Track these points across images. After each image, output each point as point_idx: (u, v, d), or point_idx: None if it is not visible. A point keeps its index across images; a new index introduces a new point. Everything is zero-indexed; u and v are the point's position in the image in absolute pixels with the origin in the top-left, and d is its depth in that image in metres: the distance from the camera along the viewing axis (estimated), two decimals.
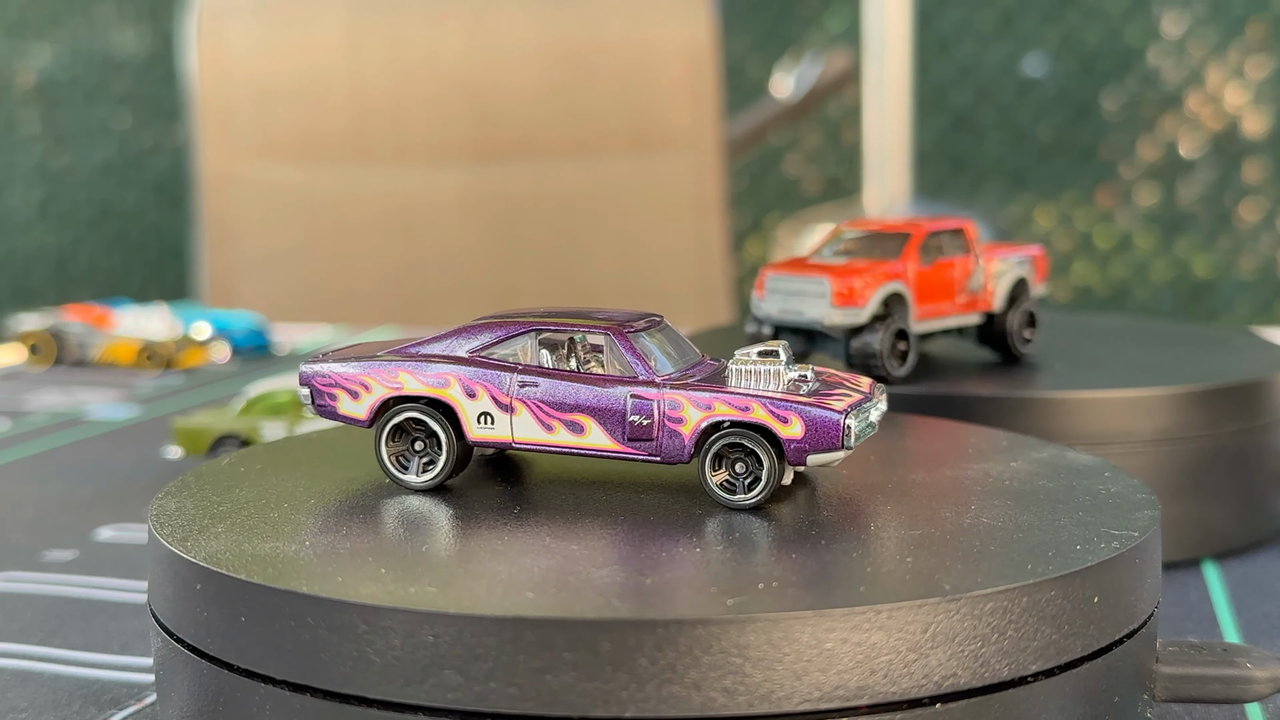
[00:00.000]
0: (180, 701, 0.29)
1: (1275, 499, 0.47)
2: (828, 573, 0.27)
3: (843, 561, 0.28)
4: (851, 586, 0.26)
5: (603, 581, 0.26)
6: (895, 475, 0.34)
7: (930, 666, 0.25)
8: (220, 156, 1.32)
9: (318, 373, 0.34)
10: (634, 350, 0.32)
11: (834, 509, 0.31)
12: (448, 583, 0.27)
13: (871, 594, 0.26)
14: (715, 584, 0.26)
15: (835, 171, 2.09)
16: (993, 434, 0.38)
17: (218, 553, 0.28)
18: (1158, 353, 0.51)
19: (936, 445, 0.37)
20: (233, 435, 0.53)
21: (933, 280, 0.46)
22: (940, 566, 0.27)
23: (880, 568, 0.27)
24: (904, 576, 0.27)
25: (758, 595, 0.26)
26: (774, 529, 0.30)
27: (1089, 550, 0.28)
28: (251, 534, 0.30)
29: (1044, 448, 0.37)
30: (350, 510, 0.31)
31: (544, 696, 0.24)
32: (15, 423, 0.68)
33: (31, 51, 2.26)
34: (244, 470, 0.35)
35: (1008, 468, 0.35)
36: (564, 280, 1.33)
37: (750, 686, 0.24)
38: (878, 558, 0.28)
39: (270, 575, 0.27)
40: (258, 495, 0.32)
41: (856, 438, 0.31)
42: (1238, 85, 1.95)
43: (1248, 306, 1.98)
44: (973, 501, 0.32)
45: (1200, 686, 0.30)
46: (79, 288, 2.22)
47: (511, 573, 0.27)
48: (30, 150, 2.28)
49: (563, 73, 1.32)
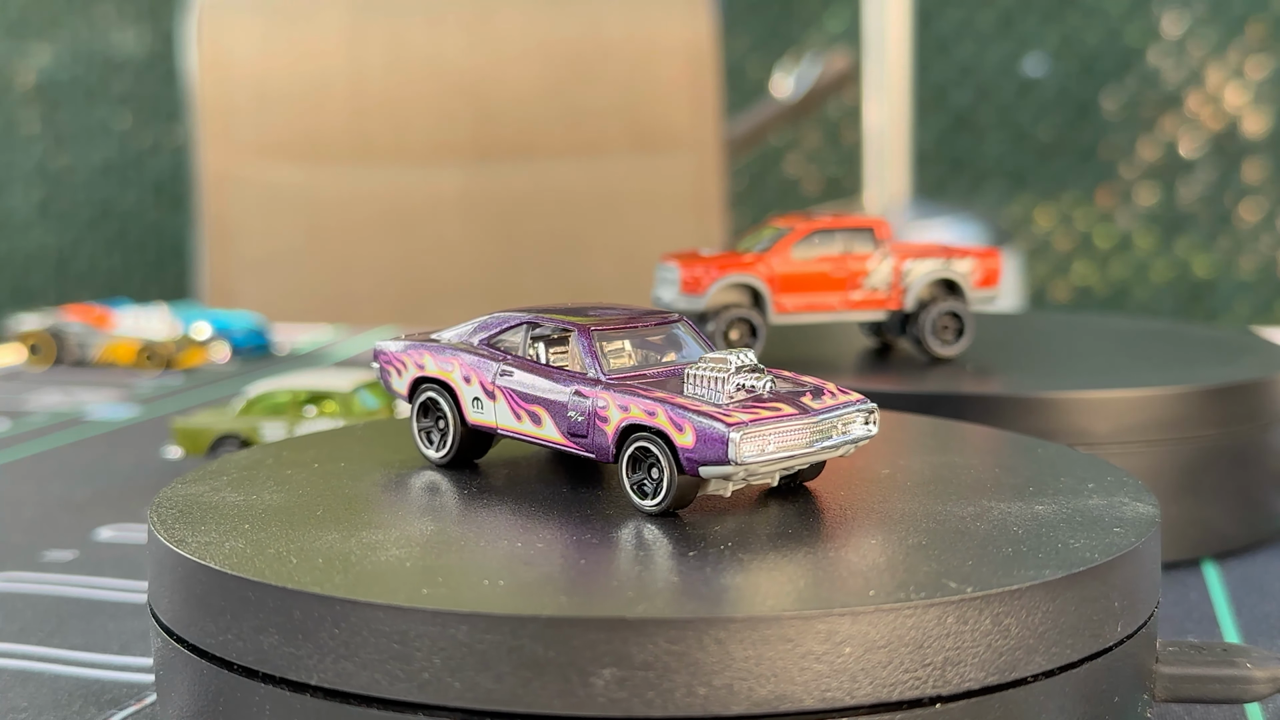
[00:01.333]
0: (180, 701, 0.29)
1: (1275, 499, 0.47)
2: (828, 573, 0.27)
3: (842, 561, 0.28)
4: (852, 586, 0.26)
5: (609, 581, 0.26)
6: (895, 475, 0.34)
7: (931, 667, 0.25)
8: (220, 156, 1.32)
9: (382, 350, 0.37)
10: (590, 348, 0.32)
11: (834, 508, 0.31)
12: (449, 582, 0.27)
13: (871, 594, 0.26)
14: (718, 583, 0.26)
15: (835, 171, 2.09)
16: (993, 434, 0.38)
17: (218, 552, 0.28)
18: (1158, 353, 0.51)
19: (936, 445, 0.37)
20: (233, 435, 0.53)
21: (807, 275, 0.48)
22: (940, 567, 0.27)
23: (880, 568, 0.27)
24: (904, 577, 0.27)
25: (758, 595, 0.26)
26: (773, 528, 0.30)
27: (1089, 550, 0.28)
28: (251, 534, 0.30)
29: (1044, 448, 0.37)
30: (350, 510, 0.31)
31: (545, 697, 0.24)
32: (15, 423, 0.68)
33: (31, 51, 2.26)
34: (244, 470, 0.35)
35: (1007, 468, 0.35)
36: (564, 280, 1.33)
37: (751, 686, 0.24)
38: (877, 558, 0.28)
39: (270, 575, 0.27)
40: (258, 495, 0.32)
41: (760, 457, 0.29)
42: (1238, 85, 1.95)
43: (1248, 306, 1.98)
44: (972, 502, 0.32)
45: (1200, 686, 0.30)
46: (79, 288, 2.22)
47: (513, 572, 0.27)
48: (30, 150, 2.28)
49: (563, 73, 1.32)
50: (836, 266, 0.48)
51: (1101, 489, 0.32)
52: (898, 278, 0.49)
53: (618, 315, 0.33)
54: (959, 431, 0.39)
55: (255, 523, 0.30)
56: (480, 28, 1.32)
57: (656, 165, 1.33)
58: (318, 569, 0.27)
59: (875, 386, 0.45)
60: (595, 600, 0.26)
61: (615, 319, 0.33)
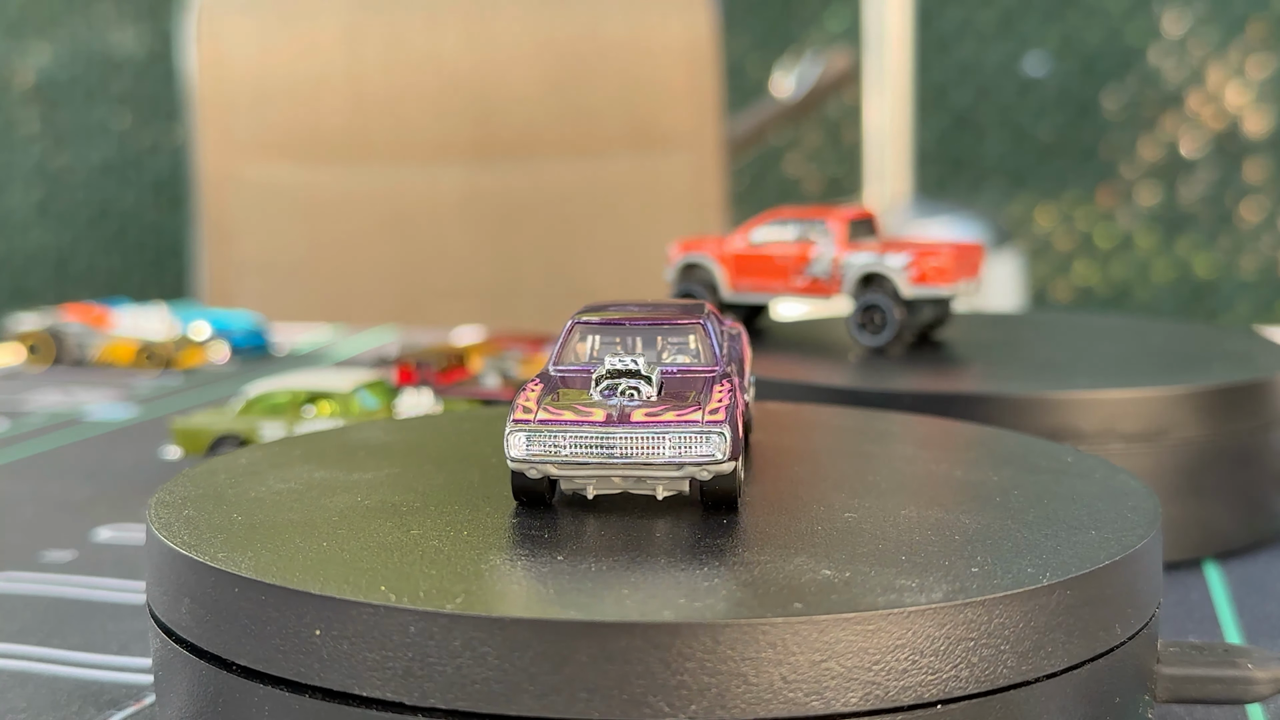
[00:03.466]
0: (179, 702, 0.29)
1: (1276, 499, 0.47)
2: (828, 576, 0.27)
3: (841, 564, 0.28)
4: (852, 590, 0.26)
5: (607, 583, 0.26)
6: (894, 475, 0.34)
7: (932, 669, 0.25)
8: (219, 156, 1.32)
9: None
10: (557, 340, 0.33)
11: (834, 510, 0.31)
12: (449, 583, 0.27)
13: (872, 597, 0.26)
14: (718, 589, 0.26)
15: (835, 171, 2.09)
16: (993, 433, 0.38)
17: (217, 552, 0.28)
18: (1158, 352, 0.51)
19: (935, 445, 0.37)
20: (232, 435, 0.53)
21: (756, 260, 0.53)
22: (940, 567, 0.27)
23: (879, 570, 0.27)
24: (904, 578, 0.26)
25: (759, 600, 0.26)
26: (773, 533, 0.30)
27: (1089, 550, 0.28)
28: (250, 533, 0.29)
29: (1044, 447, 0.37)
30: (351, 509, 0.31)
31: (545, 697, 0.24)
32: (14, 423, 0.68)
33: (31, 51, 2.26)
34: (243, 470, 0.35)
35: (1007, 468, 0.35)
36: (564, 280, 1.33)
37: (752, 691, 0.24)
38: (877, 559, 0.28)
39: (270, 575, 0.27)
40: (257, 495, 0.32)
41: (540, 460, 0.29)
42: (1238, 85, 1.95)
43: (1248, 306, 1.98)
44: (972, 502, 0.31)
45: (1201, 687, 0.30)
46: (78, 288, 2.22)
47: (514, 572, 0.27)
48: (29, 150, 2.28)
49: (563, 72, 1.32)
50: (781, 253, 0.52)
51: (1102, 489, 0.32)
52: (836, 268, 0.52)
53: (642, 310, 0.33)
54: (958, 431, 0.39)
55: (255, 522, 0.30)
56: (480, 27, 1.32)
57: (656, 165, 1.33)
58: (319, 569, 0.27)
59: (874, 385, 0.45)
60: (601, 603, 0.26)
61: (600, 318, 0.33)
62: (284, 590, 0.26)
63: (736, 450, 0.29)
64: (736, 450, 0.29)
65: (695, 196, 1.34)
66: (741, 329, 0.38)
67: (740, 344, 0.36)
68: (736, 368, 0.34)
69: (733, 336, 0.36)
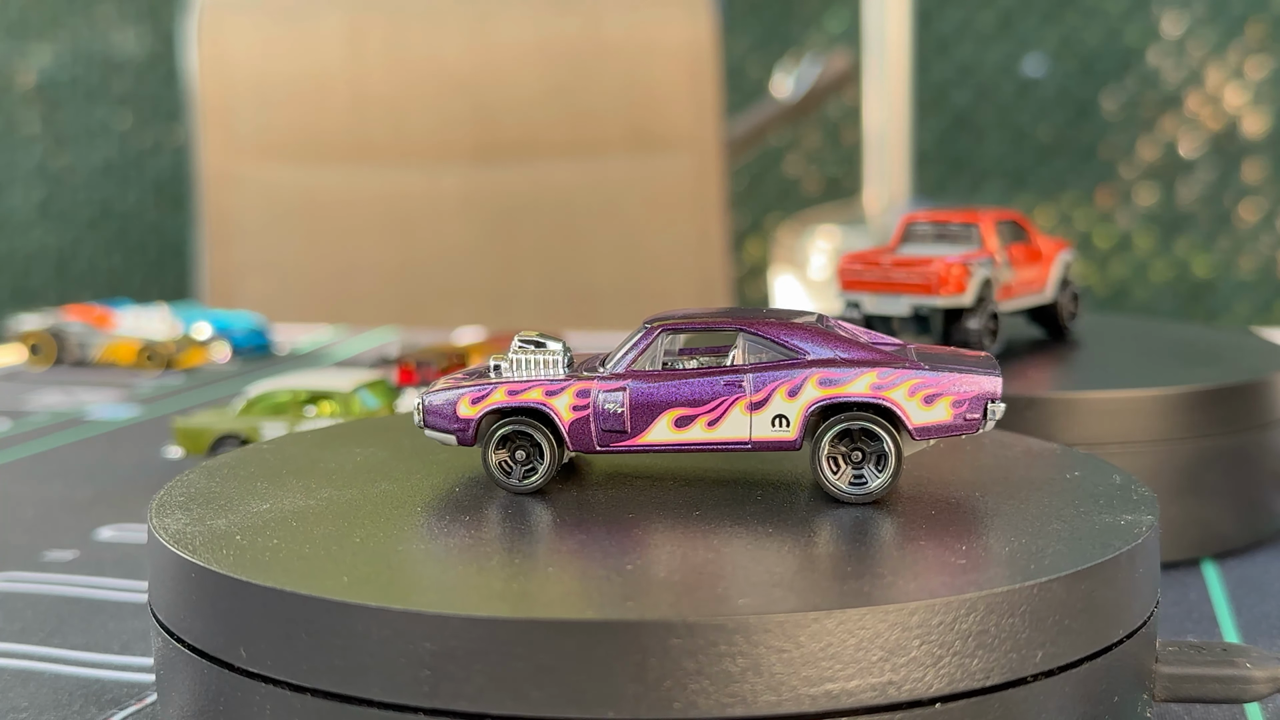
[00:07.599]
0: (180, 701, 0.29)
1: (1275, 499, 0.47)
2: (827, 574, 0.27)
3: (841, 562, 0.28)
4: (851, 587, 0.26)
5: (609, 582, 0.26)
6: None
7: (931, 667, 0.25)
8: (221, 156, 1.32)
9: None
10: None
11: (833, 509, 0.31)
12: (449, 584, 0.27)
13: (871, 595, 0.26)
14: (720, 585, 0.26)
15: (835, 171, 2.09)
16: (991, 433, 0.38)
17: (218, 552, 0.28)
18: (1158, 352, 0.51)
19: (933, 445, 0.37)
20: (233, 435, 0.53)
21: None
22: (940, 566, 0.27)
23: (879, 568, 0.27)
24: (903, 577, 0.27)
25: (759, 597, 0.26)
26: (772, 530, 0.30)
27: (1089, 550, 0.28)
28: (252, 533, 0.30)
29: (1044, 447, 0.37)
30: (351, 509, 0.31)
31: (544, 698, 0.24)
32: (16, 423, 0.69)
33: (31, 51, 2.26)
34: (244, 470, 0.35)
35: (1007, 467, 0.35)
36: (564, 280, 1.33)
37: (752, 687, 0.24)
38: (876, 558, 0.28)
39: (271, 575, 0.27)
40: (258, 495, 0.32)
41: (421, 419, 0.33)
42: (1237, 85, 1.95)
43: (1248, 306, 1.98)
44: (972, 501, 0.32)
45: (1200, 686, 0.30)
46: (79, 288, 2.22)
47: (514, 573, 0.27)
48: (30, 150, 2.28)
49: (563, 73, 1.32)
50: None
51: (1101, 489, 0.33)
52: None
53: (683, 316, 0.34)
54: None
55: (256, 522, 0.30)
56: (480, 27, 1.32)
57: (656, 165, 1.34)
58: (320, 569, 0.27)
59: None
60: (601, 602, 0.26)
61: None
62: (285, 591, 0.26)
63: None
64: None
65: (695, 197, 1.34)
66: None
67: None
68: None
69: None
